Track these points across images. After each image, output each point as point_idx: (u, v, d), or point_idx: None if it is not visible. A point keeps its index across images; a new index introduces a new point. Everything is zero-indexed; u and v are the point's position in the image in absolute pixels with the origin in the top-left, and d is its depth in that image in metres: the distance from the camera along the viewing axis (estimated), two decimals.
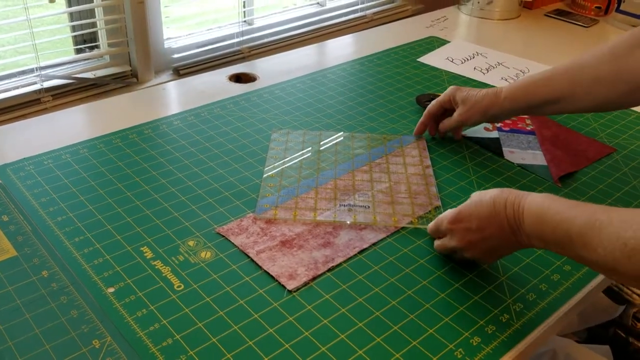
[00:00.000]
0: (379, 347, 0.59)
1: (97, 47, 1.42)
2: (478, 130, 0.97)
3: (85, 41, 1.41)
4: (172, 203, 0.77)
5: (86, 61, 1.39)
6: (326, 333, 0.60)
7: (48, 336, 0.58)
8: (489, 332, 0.61)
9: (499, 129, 0.98)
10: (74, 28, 1.37)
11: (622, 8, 1.50)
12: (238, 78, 1.14)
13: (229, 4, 1.60)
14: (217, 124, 0.96)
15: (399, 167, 0.86)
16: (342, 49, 1.31)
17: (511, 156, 0.91)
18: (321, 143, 0.92)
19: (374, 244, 0.72)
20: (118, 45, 1.40)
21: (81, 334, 0.58)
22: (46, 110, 1.29)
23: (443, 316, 0.62)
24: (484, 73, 1.21)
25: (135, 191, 0.79)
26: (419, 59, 1.25)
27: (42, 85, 1.29)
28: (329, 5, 1.82)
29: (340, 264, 0.68)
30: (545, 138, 0.96)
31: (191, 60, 1.52)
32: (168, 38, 1.50)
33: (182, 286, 0.64)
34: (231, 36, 1.60)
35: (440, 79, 1.16)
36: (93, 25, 1.38)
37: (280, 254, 0.69)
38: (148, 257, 0.68)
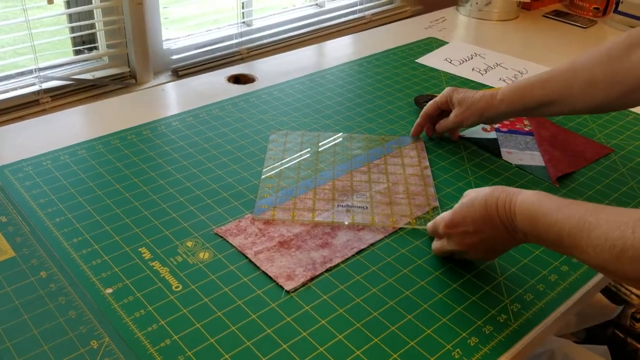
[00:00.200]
0: (377, 348, 0.59)
1: (96, 49, 1.42)
2: (476, 130, 0.98)
3: (84, 42, 1.41)
4: (171, 204, 0.77)
5: (85, 62, 1.40)
6: (324, 333, 0.60)
7: (46, 337, 0.58)
8: (487, 333, 0.61)
9: (497, 130, 0.98)
10: (73, 29, 1.37)
11: (620, 9, 1.51)
12: (237, 79, 1.14)
13: (228, 5, 1.60)
14: (216, 125, 0.96)
15: (397, 168, 0.86)
16: (341, 50, 1.31)
17: (509, 157, 0.91)
18: (320, 144, 0.92)
19: (372, 245, 0.72)
20: (117, 46, 1.40)
21: (79, 335, 0.58)
22: (45, 111, 1.29)
23: (441, 316, 0.63)
24: (482, 74, 1.21)
25: (133, 192, 0.79)
26: (418, 60, 1.25)
27: (41, 86, 1.29)
28: (328, 6, 1.82)
29: (338, 265, 0.69)
30: (543, 139, 0.96)
31: (190, 61, 1.52)
32: (167, 39, 1.50)
33: (180, 287, 0.64)
34: (230, 37, 1.60)
35: (438, 80, 1.17)
36: (92, 26, 1.38)
37: (278, 255, 0.69)
38: (146, 258, 0.68)
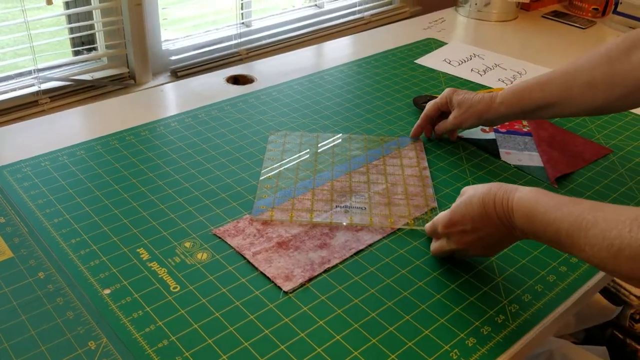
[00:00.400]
0: (375, 348, 0.59)
1: (95, 49, 1.42)
2: (475, 131, 0.97)
3: (83, 43, 1.41)
4: (169, 204, 0.77)
5: (84, 63, 1.40)
6: (322, 334, 0.60)
7: (44, 337, 0.58)
8: (485, 333, 0.61)
9: (496, 131, 0.98)
10: (72, 30, 1.37)
11: (619, 10, 1.51)
12: (236, 80, 1.14)
13: (227, 6, 1.60)
14: (215, 126, 0.96)
15: (396, 169, 0.86)
16: (340, 51, 1.31)
17: (508, 157, 0.91)
18: (318, 145, 0.92)
19: (370, 245, 0.72)
20: (116, 47, 1.40)
21: (77, 336, 0.58)
22: (44, 112, 1.29)
23: (439, 317, 0.63)
24: (481, 75, 1.21)
25: (132, 193, 0.79)
26: (417, 61, 1.25)
27: (40, 87, 1.29)
28: (327, 7, 1.82)
29: (336, 265, 0.69)
30: (541, 139, 0.96)
31: (189, 62, 1.52)
32: (166, 40, 1.50)
33: (178, 287, 0.64)
34: (229, 38, 1.60)
35: (437, 81, 1.17)
36: (91, 27, 1.39)
37: (276, 255, 0.69)
38: (144, 259, 0.68)
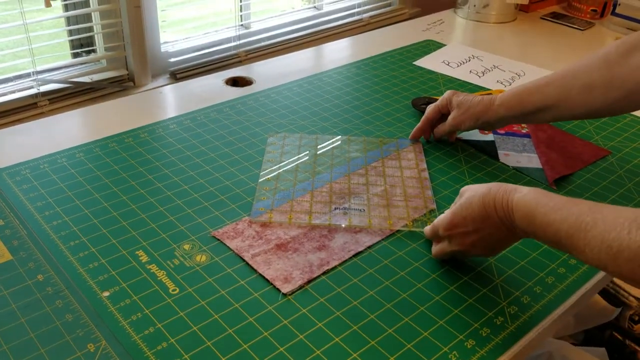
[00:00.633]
0: (374, 350, 0.59)
1: (94, 51, 1.42)
2: (474, 133, 0.98)
3: (82, 45, 1.41)
4: (168, 207, 0.77)
5: (83, 65, 1.40)
6: (321, 336, 0.60)
7: (43, 340, 0.58)
8: (484, 335, 0.61)
9: (495, 132, 0.98)
10: (71, 32, 1.37)
11: (618, 11, 1.51)
12: (235, 82, 1.14)
13: (226, 8, 1.60)
14: (214, 128, 0.96)
15: (395, 171, 0.86)
16: (339, 53, 1.32)
17: (506, 159, 0.91)
18: (317, 147, 0.92)
19: (369, 247, 0.72)
20: (115, 49, 1.40)
21: (76, 338, 0.58)
22: (43, 114, 1.29)
23: (438, 319, 0.63)
24: (480, 76, 1.21)
25: (130, 195, 0.79)
26: (415, 62, 1.25)
27: (39, 89, 1.29)
28: (326, 9, 1.82)
29: (335, 267, 0.69)
30: (540, 141, 0.97)
31: (188, 64, 1.52)
32: (165, 42, 1.50)
33: (177, 290, 0.64)
34: (228, 40, 1.60)
35: (436, 82, 1.17)
36: (90, 29, 1.39)
37: (275, 258, 0.69)
38: (143, 261, 0.68)
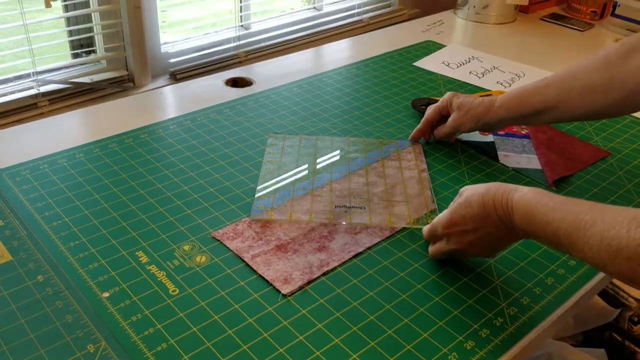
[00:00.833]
0: (374, 351, 0.59)
1: (94, 52, 1.42)
2: (473, 134, 0.98)
3: (82, 46, 1.41)
4: (168, 207, 0.77)
5: (83, 66, 1.40)
6: (321, 337, 0.60)
7: (43, 341, 0.58)
8: (483, 336, 0.61)
9: (494, 133, 0.98)
10: (71, 33, 1.37)
11: (618, 12, 1.51)
12: (234, 82, 1.14)
13: (226, 9, 1.60)
14: (214, 129, 0.96)
15: (395, 171, 0.87)
16: (339, 54, 1.32)
17: (506, 160, 0.92)
18: (317, 147, 0.92)
19: (369, 248, 0.72)
20: (115, 49, 1.40)
21: (76, 339, 0.58)
22: (43, 114, 1.29)
23: (437, 320, 0.63)
24: (480, 77, 1.21)
25: (130, 195, 0.79)
26: (415, 63, 1.25)
27: (39, 90, 1.29)
28: (326, 9, 1.82)
29: (335, 268, 0.69)
30: (540, 142, 0.97)
31: (188, 64, 1.52)
32: (165, 42, 1.50)
33: (177, 291, 0.64)
34: (228, 40, 1.60)
35: (435, 83, 1.17)
36: (90, 30, 1.39)
37: (275, 258, 0.69)
38: (143, 262, 0.68)
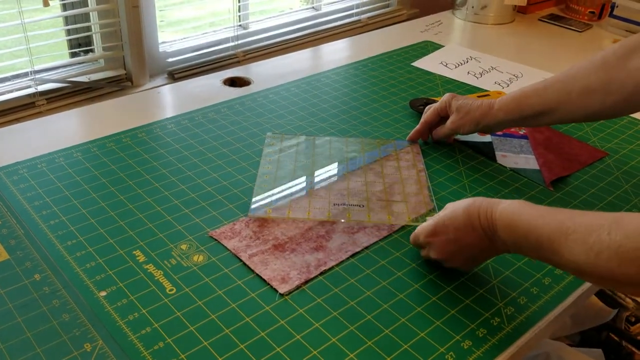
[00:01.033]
0: (371, 351, 0.59)
1: (92, 51, 1.42)
2: (471, 134, 0.97)
3: (80, 45, 1.41)
4: (165, 207, 0.77)
5: (81, 65, 1.39)
6: (318, 336, 0.60)
7: (39, 340, 0.58)
8: (480, 336, 0.61)
9: (492, 133, 0.98)
10: (69, 32, 1.37)
11: (616, 13, 1.51)
12: (233, 82, 1.14)
13: (224, 8, 1.60)
14: (212, 128, 0.96)
15: (393, 171, 0.87)
16: (337, 53, 1.32)
17: (504, 160, 0.92)
18: (315, 147, 0.92)
19: (366, 248, 0.72)
20: (113, 49, 1.40)
21: (73, 338, 0.58)
22: (40, 113, 1.28)
23: (434, 320, 0.63)
24: (478, 77, 1.21)
25: (128, 195, 0.79)
26: (413, 63, 1.25)
27: (37, 88, 1.29)
28: (324, 9, 1.82)
29: (332, 268, 0.69)
30: (537, 142, 0.97)
31: (186, 64, 1.52)
32: (163, 42, 1.50)
33: (174, 290, 0.64)
34: (226, 40, 1.60)
35: (434, 84, 1.17)
36: (88, 29, 1.38)
37: (272, 258, 0.69)
38: (140, 261, 0.68)
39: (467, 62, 1.28)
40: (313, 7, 1.82)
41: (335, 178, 0.84)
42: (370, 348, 0.59)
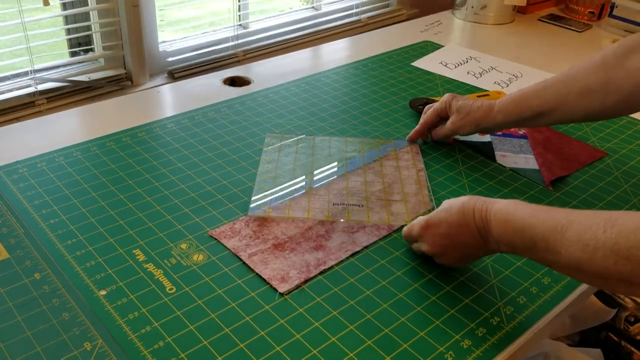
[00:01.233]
0: (370, 350, 0.59)
1: (92, 50, 1.42)
2: None
3: (80, 44, 1.41)
4: (165, 206, 0.77)
5: (81, 64, 1.39)
6: (317, 335, 0.60)
7: (39, 338, 0.58)
8: (480, 335, 0.61)
9: (492, 133, 0.98)
10: (69, 31, 1.37)
11: (615, 13, 1.51)
12: (232, 81, 1.14)
13: (224, 8, 1.60)
14: (211, 127, 0.96)
15: (393, 170, 0.87)
16: (337, 53, 1.32)
17: (503, 160, 0.92)
18: (315, 147, 0.92)
19: (366, 247, 0.72)
20: (113, 48, 1.40)
21: (72, 337, 0.58)
22: (40, 113, 1.28)
23: (434, 319, 0.63)
24: (477, 77, 1.21)
25: (128, 194, 0.79)
26: (413, 63, 1.25)
27: (37, 88, 1.29)
28: (324, 9, 1.82)
29: (332, 267, 0.69)
30: (537, 142, 0.97)
31: (186, 63, 1.52)
32: (163, 41, 1.50)
33: (174, 289, 0.64)
34: (226, 40, 1.60)
35: (433, 83, 1.17)
36: (88, 28, 1.38)
37: (272, 257, 0.69)
38: (140, 260, 0.68)
39: (467, 62, 1.28)
40: (313, 7, 1.82)
41: (334, 177, 0.84)
42: (369, 347, 0.59)
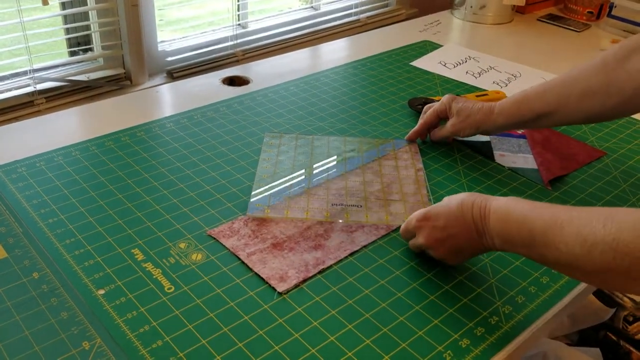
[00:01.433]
0: (369, 349, 0.59)
1: (91, 50, 1.42)
2: None
3: (79, 44, 1.41)
4: (164, 205, 0.77)
5: (80, 64, 1.39)
6: (316, 335, 0.60)
7: (38, 338, 0.58)
8: (478, 334, 0.61)
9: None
10: (68, 31, 1.37)
11: (614, 13, 1.51)
12: (231, 81, 1.14)
13: (223, 8, 1.60)
14: (210, 127, 0.96)
15: (391, 170, 0.87)
16: (336, 53, 1.32)
17: (502, 159, 0.92)
18: (314, 146, 0.92)
19: (365, 247, 0.72)
20: (112, 48, 1.40)
21: (71, 336, 0.58)
22: (39, 112, 1.28)
23: (432, 318, 0.63)
24: (476, 77, 1.21)
25: (127, 193, 0.79)
26: (412, 63, 1.25)
27: (36, 87, 1.29)
28: (323, 9, 1.82)
29: (330, 266, 0.69)
30: (536, 142, 0.97)
31: (185, 63, 1.52)
32: (162, 41, 1.50)
33: (173, 288, 0.64)
34: (225, 39, 1.60)
35: (432, 83, 1.17)
36: (87, 28, 1.38)
37: (271, 256, 0.69)
38: (139, 259, 0.68)
39: (466, 62, 1.28)
40: (312, 7, 1.82)
41: (333, 177, 0.84)
42: (368, 346, 0.59)
